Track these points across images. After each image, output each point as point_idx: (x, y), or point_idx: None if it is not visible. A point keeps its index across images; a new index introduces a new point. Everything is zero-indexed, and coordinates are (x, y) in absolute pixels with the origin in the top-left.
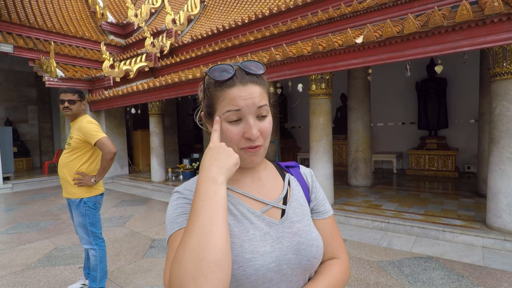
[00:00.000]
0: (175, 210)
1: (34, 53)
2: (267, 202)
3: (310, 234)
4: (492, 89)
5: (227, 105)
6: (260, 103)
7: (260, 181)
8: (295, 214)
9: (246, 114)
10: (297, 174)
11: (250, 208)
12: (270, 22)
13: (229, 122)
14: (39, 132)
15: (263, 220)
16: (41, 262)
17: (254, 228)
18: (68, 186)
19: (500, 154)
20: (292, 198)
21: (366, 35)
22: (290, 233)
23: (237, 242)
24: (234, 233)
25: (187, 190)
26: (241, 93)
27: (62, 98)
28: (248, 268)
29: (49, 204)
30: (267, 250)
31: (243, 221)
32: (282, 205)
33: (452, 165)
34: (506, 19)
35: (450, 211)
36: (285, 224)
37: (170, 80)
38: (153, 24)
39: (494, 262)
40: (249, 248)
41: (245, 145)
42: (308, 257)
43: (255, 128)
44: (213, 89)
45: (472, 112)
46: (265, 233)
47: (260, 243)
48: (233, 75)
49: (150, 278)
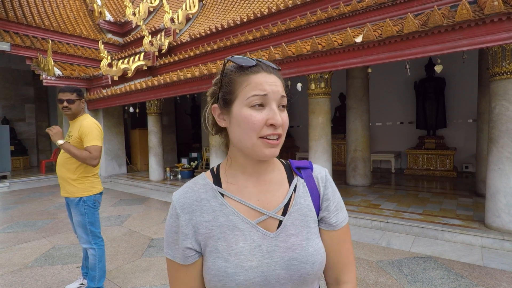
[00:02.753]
0: (169, 233)
1: (32, 51)
2: (264, 211)
3: (306, 249)
4: (491, 88)
5: (253, 90)
6: (282, 93)
7: (263, 185)
8: (293, 227)
9: (271, 100)
10: (308, 177)
11: (245, 218)
12: (269, 21)
13: (252, 108)
14: (37, 130)
15: (256, 232)
16: (39, 261)
17: (244, 241)
18: (67, 185)
19: (499, 154)
20: (294, 208)
21: (366, 34)
22: (283, 247)
23: (222, 257)
24: (221, 247)
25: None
26: (267, 79)
27: (60, 97)
28: (230, 282)
29: (46, 203)
30: (253, 265)
31: (234, 233)
32: (280, 216)
33: (450, 164)
34: (505, 18)
35: (448, 210)
36: (280, 237)
37: (168, 79)
38: (151, 23)
39: (493, 262)
40: (234, 262)
41: (266, 133)
42: (300, 273)
43: (280, 114)
44: (236, 75)
45: (470, 111)
46: (255, 246)
47: (247, 257)
48: (258, 64)
49: (148, 277)
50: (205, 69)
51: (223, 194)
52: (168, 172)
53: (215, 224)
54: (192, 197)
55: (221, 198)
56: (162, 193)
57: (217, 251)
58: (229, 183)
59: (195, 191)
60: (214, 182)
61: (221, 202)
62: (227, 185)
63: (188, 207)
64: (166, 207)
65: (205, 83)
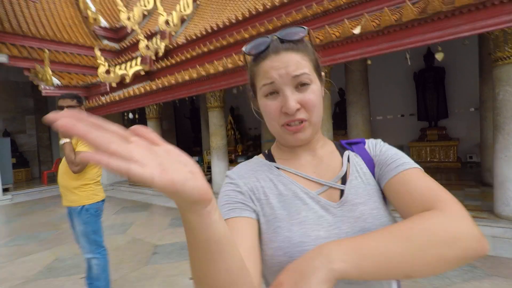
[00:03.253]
0: (221, 198)
1: (29, 62)
2: (323, 182)
3: (379, 219)
4: (494, 74)
5: (262, 79)
6: (296, 72)
7: (316, 159)
8: (357, 195)
9: (280, 85)
10: (360, 150)
11: (304, 188)
12: (265, 18)
13: (266, 97)
14: (37, 142)
15: (318, 202)
16: (42, 273)
17: (307, 210)
18: (68, 194)
19: (505, 141)
20: (352, 176)
21: (364, 25)
22: (351, 217)
23: (284, 226)
24: (282, 216)
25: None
26: (273, 63)
27: (61, 104)
28: (296, 253)
29: (49, 214)
30: (321, 235)
31: (294, 202)
32: (340, 185)
33: (454, 155)
34: (507, 1)
35: None
36: (345, 207)
37: (166, 83)
38: (146, 27)
39: (506, 251)
40: (299, 232)
41: (284, 120)
42: None
43: (293, 100)
44: (252, 65)
45: (472, 100)
46: (320, 216)
47: (313, 227)
48: (267, 47)
49: (155, 285)
50: (203, 70)
51: (278, 168)
52: None
53: (273, 192)
54: (246, 168)
55: (277, 170)
56: (165, 198)
57: (277, 220)
58: (282, 159)
59: (249, 165)
60: (268, 159)
61: (277, 173)
62: (281, 161)
63: (244, 174)
64: (169, 213)
65: (203, 85)
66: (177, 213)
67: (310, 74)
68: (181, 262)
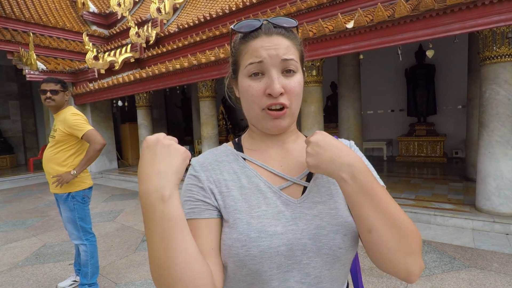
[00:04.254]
0: (184, 192)
1: (12, 45)
2: (288, 177)
3: (336, 218)
4: (482, 73)
5: (249, 57)
6: (285, 56)
7: (286, 153)
8: (318, 194)
9: (268, 66)
10: None
11: (267, 181)
12: (259, 9)
13: (250, 77)
14: (22, 128)
15: (279, 197)
16: (29, 260)
17: (267, 204)
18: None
19: (489, 138)
20: (318, 174)
21: (357, 20)
22: (309, 214)
23: (244, 219)
24: (242, 208)
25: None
26: (264, 43)
27: (44, 88)
28: (252, 248)
29: (35, 201)
30: (277, 231)
31: (256, 195)
32: (304, 182)
33: (441, 150)
34: (496, 1)
35: (440, 195)
36: (305, 204)
37: (157, 71)
38: (137, 14)
39: (484, 244)
40: (257, 226)
41: (266, 103)
42: (330, 245)
43: (278, 82)
44: (239, 43)
45: (459, 98)
46: (279, 212)
47: (271, 221)
48: (259, 27)
49: (143, 272)
50: (194, 59)
51: (245, 159)
52: None
53: (235, 185)
54: (212, 157)
55: (242, 161)
56: None
57: (237, 212)
58: (250, 149)
59: (215, 154)
60: (236, 149)
61: (243, 165)
62: (248, 151)
63: (208, 165)
64: None
65: (194, 74)
66: None
67: (297, 62)
68: None
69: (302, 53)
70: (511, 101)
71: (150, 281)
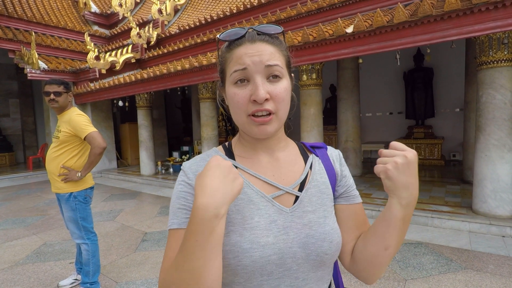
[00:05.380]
0: (177, 199)
1: (14, 44)
2: (280, 186)
3: (323, 227)
4: (479, 77)
5: (234, 65)
6: (269, 62)
7: (277, 162)
8: (310, 203)
9: (252, 73)
10: (323, 156)
11: (260, 191)
12: (259, 12)
13: (235, 84)
14: (22, 126)
15: (272, 206)
16: (30, 258)
17: (259, 215)
18: (56, 181)
19: (486, 141)
20: (311, 184)
21: (357, 25)
22: (299, 223)
23: (237, 231)
24: (236, 220)
25: (192, 174)
26: (248, 50)
27: (47, 90)
28: (245, 259)
29: (35, 200)
30: (269, 241)
31: (249, 206)
32: (296, 192)
33: (438, 153)
34: (492, 8)
35: (437, 198)
36: (296, 213)
37: (158, 72)
38: (138, 14)
39: (480, 246)
40: (249, 237)
41: (252, 110)
42: (317, 252)
43: (262, 88)
44: (224, 52)
45: (457, 101)
46: (271, 222)
47: (263, 232)
48: (243, 35)
49: (143, 271)
50: (196, 61)
51: (237, 167)
52: (160, 166)
53: None
54: (203, 165)
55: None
56: (154, 187)
57: (231, 224)
58: (242, 157)
59: (206, 161)
60: (227, 155)
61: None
62: (240, 159)
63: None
64: (158, 201)
65: (195, 76)
66: (166, 202)
67: (282, 68)
68: None
69: (289, 58)
70: (507, 105)
71: (150, 280)
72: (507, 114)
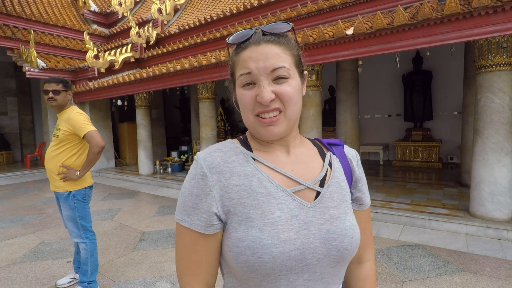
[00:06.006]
0: (190, 196)
1: (13, 42)
2: (302, 182)
3: (344, 222)
4: (477, 81)
5: (241, 69)
6: (275, 65)
7: (295, 157)
8: (331, 199)
9: (258, 76)
10: (341, 154)
11: (280, 185)
12: (260, 12)
13: (243, 87)
14: (20, 124)
15: (293, 201)
16: (27, 257)
17: (280, 210)
18: (55, 179)
19: (484, 145)
20: (332, 181)
21: (357, 27)
22: (321, 219)
23: (256, 226)
24: (255, 216)
25: (207, 168)
26: (252, 54)
27: (46, 88)
28: (265, 255)
29: (33, 198)
30: (290, 236)
31: (269, 201)
32: (318, 187)
33: (436, 156)
34: (492, 12)
35: (435, 200)
36: (317, 209)
37: (157, 71)
38: (138, 14)
39: (477, 248)
40: (270, 233)
41: (258, 110)
42: (338, 248)
43: (267, 90)
44: (233, 56)
45: (456, 104)
46: (292, 216)
47: (285, 227)
48: (249, 38)
49: (141, 270)
50: (195, 61)
51: (255, 159)
52: (158, 166)
53: (247, 190)
54: (221, 157)
55: (253, 162)
56: (152, 186)
57: (249, 220)
58: (260, 150)
59: (224, 152)
60: (244, 147)
61: (254, 167)
62: (258, 152)
63: (217, 167)
64: (157, 201)
65: (195, 75)
66: (164, 202)
67: (289, 68)
68: (168, 249)
69: (299, 57)
70: (505, 109)
71: (148, 279)
72: (505, 118)
